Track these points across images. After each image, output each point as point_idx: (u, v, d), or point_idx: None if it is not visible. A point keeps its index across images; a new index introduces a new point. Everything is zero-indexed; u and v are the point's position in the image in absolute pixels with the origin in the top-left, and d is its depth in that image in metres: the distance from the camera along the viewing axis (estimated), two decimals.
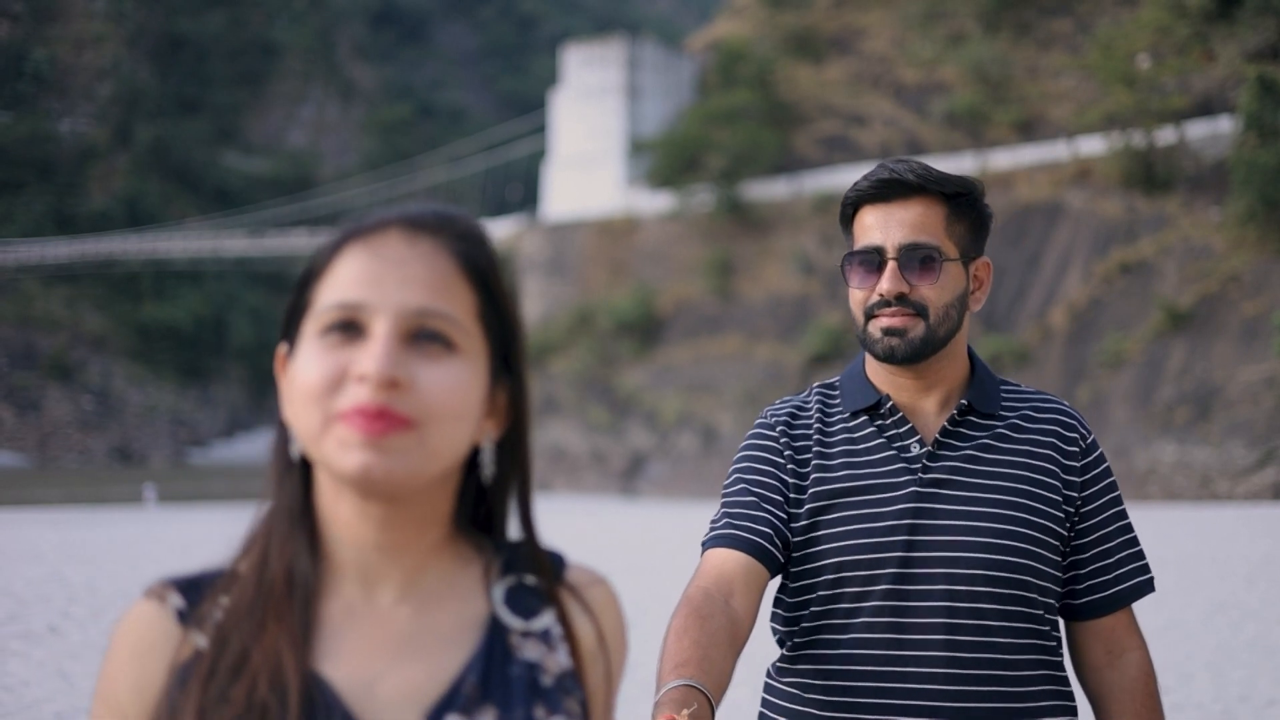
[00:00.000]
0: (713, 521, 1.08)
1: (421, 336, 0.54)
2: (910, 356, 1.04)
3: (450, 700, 0.54)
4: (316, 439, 0.54)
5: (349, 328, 0.54)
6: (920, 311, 1.04)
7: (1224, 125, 19.68)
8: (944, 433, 1.06)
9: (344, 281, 0.55)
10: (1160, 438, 17.34)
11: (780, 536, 1.04)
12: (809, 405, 1.12)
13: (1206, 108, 20.67)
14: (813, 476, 1.06)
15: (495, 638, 0.57)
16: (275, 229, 42.49)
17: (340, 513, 0.56)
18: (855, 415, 1.09)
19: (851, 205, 1.08)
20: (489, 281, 0.57)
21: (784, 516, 1.05)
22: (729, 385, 23.37)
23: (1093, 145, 21.38)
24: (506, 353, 0.58)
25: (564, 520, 12.99)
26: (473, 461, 0.58)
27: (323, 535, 0.56)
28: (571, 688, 0.57)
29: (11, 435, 40.86)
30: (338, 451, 0.53)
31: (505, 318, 0.57)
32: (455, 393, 0.54)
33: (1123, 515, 1.09)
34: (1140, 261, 19.57)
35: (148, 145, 48.95)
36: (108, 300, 44.36)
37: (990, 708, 1.00)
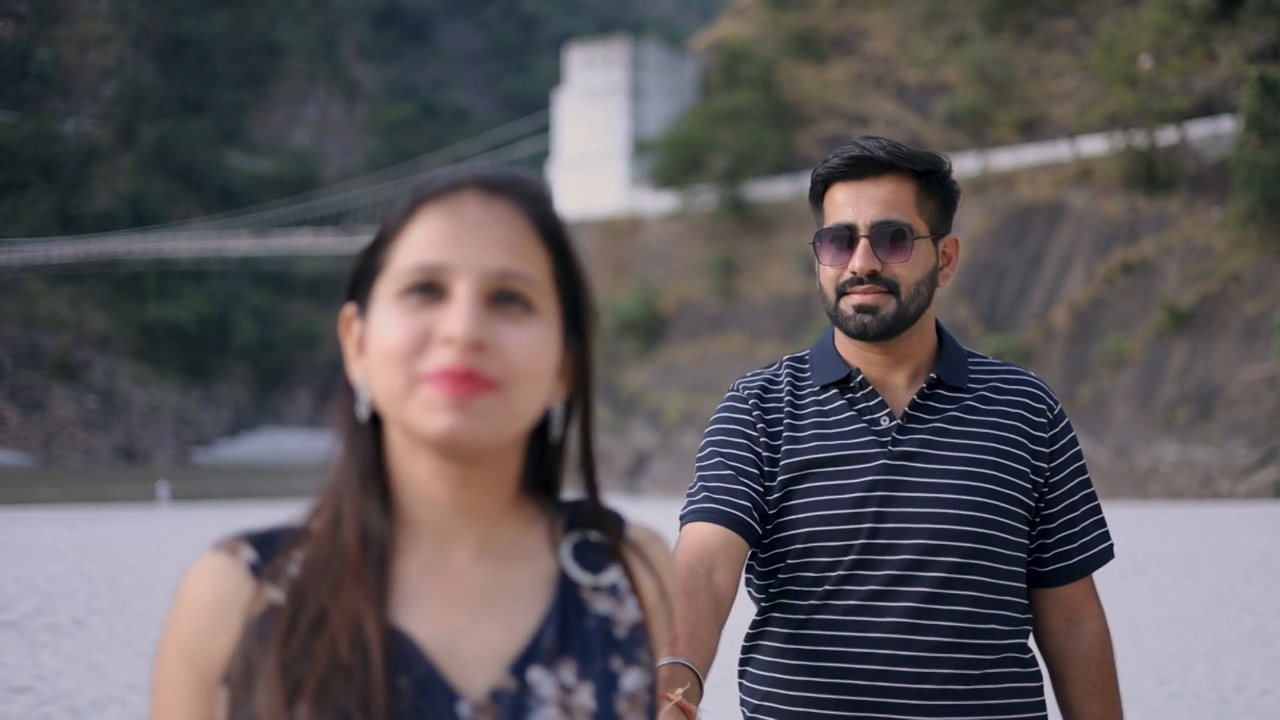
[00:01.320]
0: (690, 494, 1.07)
1: (502, 298, 0.54)
2: (882, 333, 1.04)
3: (531, 653, 0.55)
4: (399, 401, 0.53)
5: (429, 289, 0.54)
6: (892, 289, 1.03)
7: (1225, 125, 19.73)
8: (913, 406, 1.06)
9: (423, 243, 0.54)
10: (1162, 437, 17.40)
11: (758, 509, 1.04)
12: (780, 378, 1.12)
13: (1208, 108, 20.72)
14: (784, 449, 1.06)
15: (567, 593, 0.58)
16: (279, 229, 42.62)
17: (416, 473, 0.56)
18: (826, 389, 1.09)
19: (822, 182, 1.07)
20: (561, 243, 0.57)
21: (760, 489, 1.05)
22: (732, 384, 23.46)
23: (1094, 145, 21.43)
24: (576, 314, 0.58)
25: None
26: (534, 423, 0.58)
27: (395, 494, 0.56)
28: (641, 639, 0.59)
29: (16, 435, 41.00)
30: (423, 413, 0.53)
31: (576, 279, 0.58)
32: (537, 354, 0.54)
33: (1088, 484, 1.10)
34: (1142, 261, 19.62)
35: (152, 145, 49.08)
36: (112, 300, 44.50)
37: (953, 673, 1.00)
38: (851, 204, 1.04)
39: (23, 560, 8.71)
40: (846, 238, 1.04)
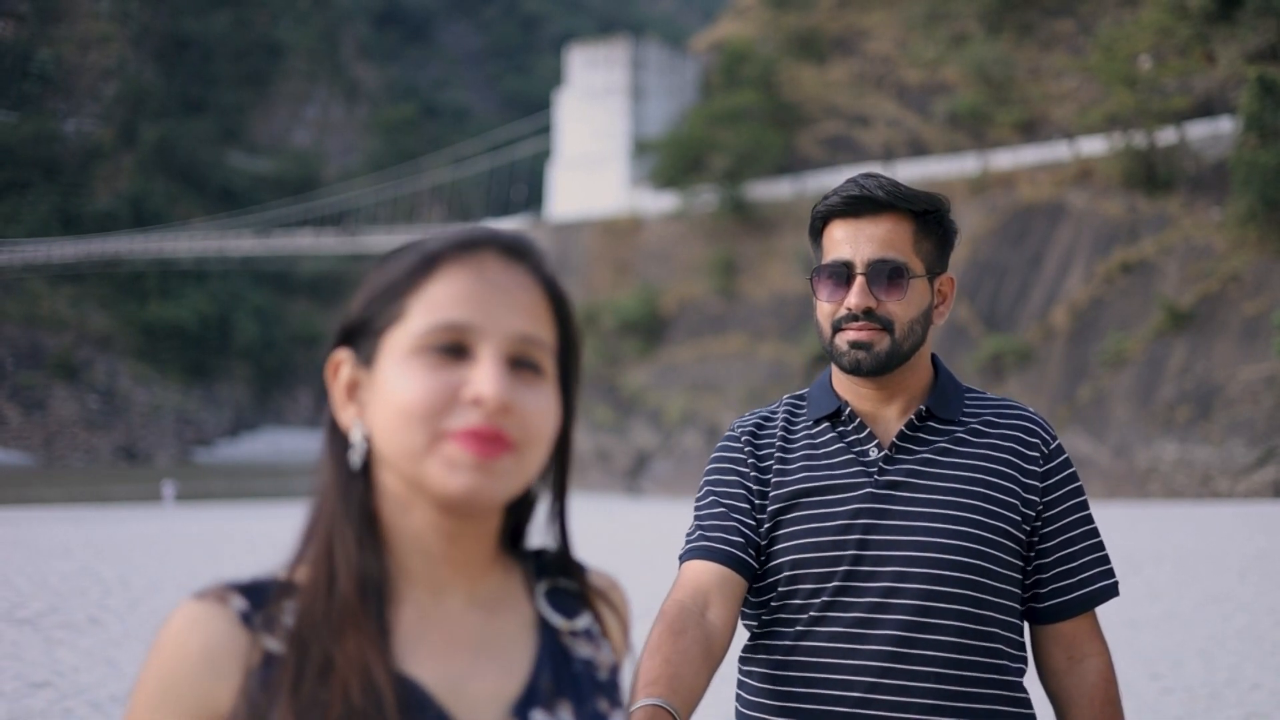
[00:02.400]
0: (687, 534, 1.10)
1: (519, 362, 0.56)
2: (875, 369, 1.06)
3: (531, 696, 0.57)
4: (417, 457, 0.54)
5: (452, 349, 0.55)
6: (886, 326, 1.05)
7: (1225, 126, 19.77)
8: (901, 437, 1.07)
9: (447, 301, 0.55)
10: (1161, 436, 17.45)
11: (751, 544, 1.07)
12: (776, 415, 1.14)
13: (1207, 108, 20.77)
14: (774, 480, 1.09)
15: (549, 638, 0.60)
16: (280, 229, 42.70)
17: (409, 523, 0.56)
18: (818, 422, 1.11)
19: (821, 219, 1.09)
20: (566, 311, 0.59)
21: (752, 523, 1.08)
22: (733, 384, 23.53)
23: (1094, 146, 21.47)
24: (567, 380, 0.59)
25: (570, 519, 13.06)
26: None
27: (387, 542, 0.56)
28: (618, 682, 0.61)
29: (18, 434, 41.08)
30: (444, 471, 0.54)
31: (573, 347, 0.59)
32: (548, 416, 0.56)
33: (1087, 520, 1.09)
34: (1141, 261, 19.67)
35: (153, 145, 49.13)
36: (113, 300, 44.59)
37: (935, 704, 1.00)
38: (849, 241, 1.06)
39: (33, 559, 8.75)
40: (844, 274, 1.06)
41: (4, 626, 5.77)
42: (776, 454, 1.11)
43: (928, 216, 1.08)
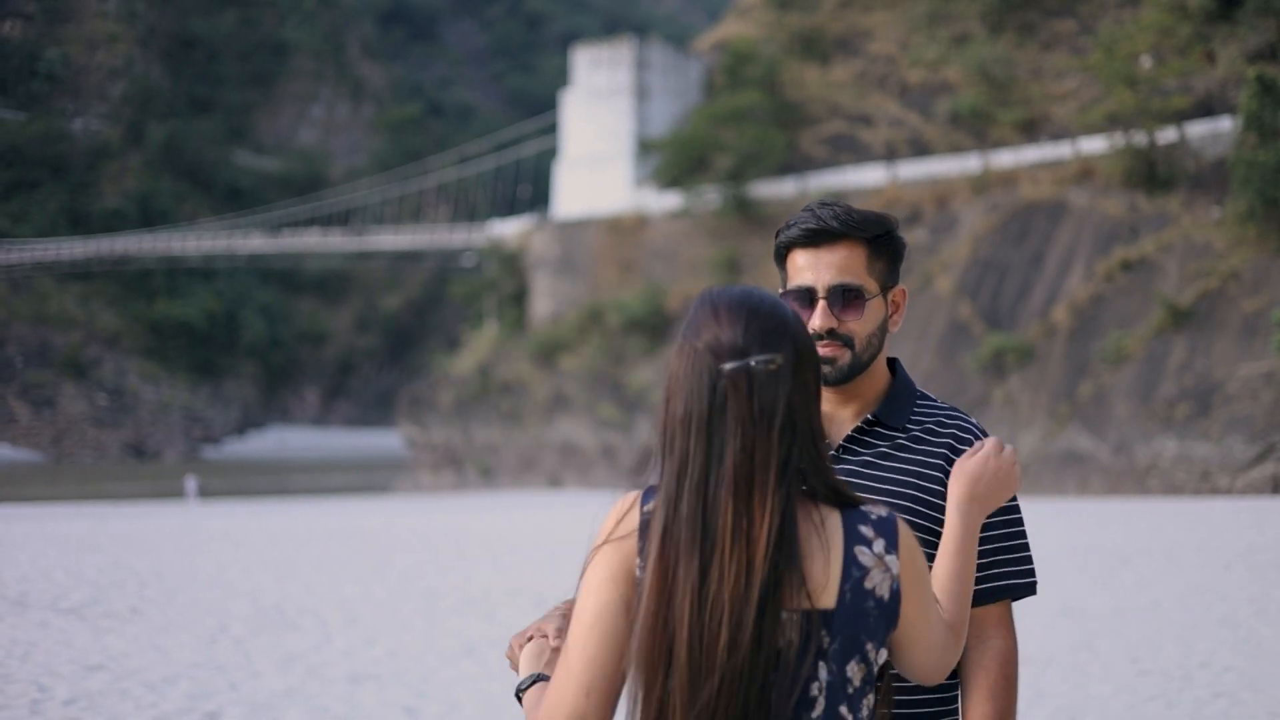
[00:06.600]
0: None
1: None
2: (839, 380, 1.18)
3: None
4: None
5: None
6: (847, 342, 1.17)
7: (1224, 125, 19.87)
8: (848, 439, 1.20)
9: None
10: (1161, 433, 17.60)
11: None
12: None
13: (1207, 108, 20.89)
14: None
15: None
16: (287, 228, 42.96)
17: None
18: None
19: (784, 247, 1.21)
20: None
21: None
22: None
23: (1095, 145, 21.59)
24: None
25: (575, 515, 13.32)
26: None
27: None
28: None
29: (27, 432, 41.45)
30: None
31: None
32: None
33: (1011, 524, 1.20)
34: (1142, 259, 19.81)
35: (160, 144, 49.41)
36: (121, 298, 44.90)
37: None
38: (811, 268, 1.18)
39: (66, 553, 8.95)
40: (807, 298, 1.18)
41: (51, 615, 6.00)
42: None
43: (879, 239, 1.19)
